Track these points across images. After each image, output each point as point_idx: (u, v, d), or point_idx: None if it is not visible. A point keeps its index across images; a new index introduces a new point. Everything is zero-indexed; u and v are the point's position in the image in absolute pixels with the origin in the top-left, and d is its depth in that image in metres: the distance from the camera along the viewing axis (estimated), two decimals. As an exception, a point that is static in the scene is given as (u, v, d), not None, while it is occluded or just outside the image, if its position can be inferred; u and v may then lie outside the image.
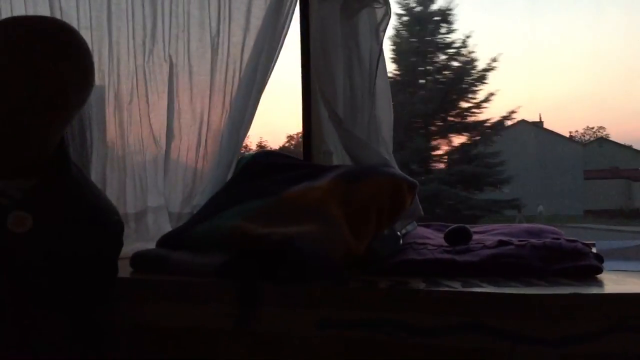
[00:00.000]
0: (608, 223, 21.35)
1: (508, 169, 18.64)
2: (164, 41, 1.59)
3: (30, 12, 1.59)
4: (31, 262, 1.05)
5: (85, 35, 1.46)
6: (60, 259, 1.07)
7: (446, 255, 1.22)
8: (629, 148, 36.67)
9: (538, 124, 29.63)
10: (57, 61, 1.07)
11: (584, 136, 44.68)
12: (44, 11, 1.57)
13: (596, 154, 32.87)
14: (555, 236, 1.33)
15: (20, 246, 1.05)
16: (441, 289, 1.05)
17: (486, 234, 1.46)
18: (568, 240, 1.24)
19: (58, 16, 1.57)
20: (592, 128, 45.83)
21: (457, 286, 1.06)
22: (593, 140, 36.34)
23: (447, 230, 1.37)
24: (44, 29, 1.09)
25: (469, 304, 1.01)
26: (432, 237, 1.43)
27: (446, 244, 1.32)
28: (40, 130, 1.11)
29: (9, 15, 1.59)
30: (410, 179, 1.34)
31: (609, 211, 25.32)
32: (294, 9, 1.56)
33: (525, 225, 1.51)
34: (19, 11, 1.60)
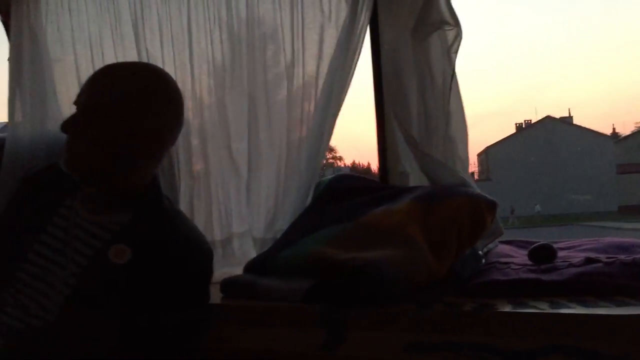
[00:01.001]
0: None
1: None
2: (242, 74, 1.67)
3: (120, 55, 1.71)
4: (130, 292, 1.13)
5: (170, 73, 1.57)
6: (157, 288, 1.14)
7: (531, 275, 1.21)
8: None
9: (566, 120, 28.13)
10: (156, 105, 1.17)
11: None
12: (132, 54, 1.69)
13: (636, 148, 30.69)
14: (645, 251, 1.29)
15: (120, 277, 1.13)
16: (528, 310, 1.05)
17: (573, 250, 1.43)
18: (660, 255, 1.20)
19: (145, 58, 1.68)
20: None
21: (545, 307, 1.05)
22: (636, 132, 33.58)
23: (531, 248, 1.35)
24: (146, 76, 1.20)
25: (558, 325, 1.00)
26: (515, 255, 1.42)
27: (530, 263, 1.31)
28: (140, 167, 1.20)
29: (101, 58, 1.73)
30: (489, 197, 1.34)
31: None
32: (364, 35, 1.60)
33: (614, 239, 1.47)
34: (110, 54, 1.73)
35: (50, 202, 1.23)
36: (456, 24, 1.51)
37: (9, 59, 1.71)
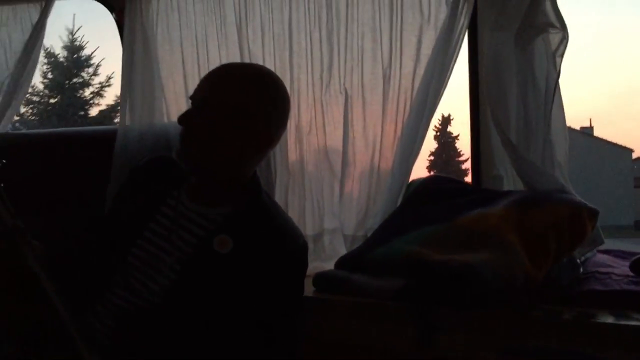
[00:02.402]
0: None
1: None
2: (339, 74, 1.70)
3: (224, 53, 1.79)
4: (232, 281, 1.19)
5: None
6: (256, 277, 1.19)
7: (633, 287, 1.18)
8: None
9: (586, 130, 26.21)
10: (271, 108, 1.24)
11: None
12: (234, 53, 1.76)
13: None
14: None
15: (223, 265, 1.19)
16: (632, 323, 1.02)
17: (676, 263, 1.37)
18: None
19: (247, 56, 1.75)
20: None
21: (649, 320, 1.03)
22: None
23: (633, 259, 1.31)
24: (264, 79, 1.27)
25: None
26: (615, 266, 1.38)
27: (632, 274, 1.27)
28: (248, 164, 1.27)
29: (206, 57, 1.81)
30: (591, 205, 1.31)
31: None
32: (463, 38, 1.60)
33: None
34: (214, 53, 1.81)
35: (159, 192, 1.30)
36: (562, 27, 1.47)
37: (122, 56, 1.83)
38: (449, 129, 26.35)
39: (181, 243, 1.23)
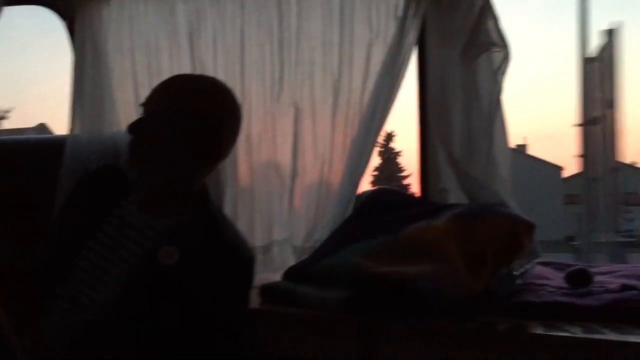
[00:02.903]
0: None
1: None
2: (290, 87, 1.72)
3: (175, 64, 1.78)
4: (177, 292, 1.19)
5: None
6: (201, 289, 1.20)
7: (566, 298, 1.22)
8: None
9: (519, 149, 27.19)
10: (223, 120, 1.26)
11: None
12: (186, 64, 1.76)
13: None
14: (685, 280, 1.28)
15: (168, 277, 1.19)
16: (561, 334, 1.06)
17: (609, 276, 1.43)
18: (699, 286, 1.19)
19: (198, 67, 1.75)
20: None
21: (577, 331, 1.06)
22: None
23: (567, 271, 1.36)
24: (217, 91, 1.29)
25: (590, 351, 1.01)
26: (552, 278, 1.42)
27: (566, 286, 1.32)
28: (197, 175, 1.27)
29: (158, 67, 1.81)
30: (528, 219, 1.35)
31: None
32: (411, 54, 1.63)
33: (652, 267, 1.46)
34: (166, 62, 1.80)
35: (105, 202, 1.30)
36: (505, 45, 1.53)
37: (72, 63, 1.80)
38: (392, 144, 27.30)
39: (127, 254, 1.22)
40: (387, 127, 1.66)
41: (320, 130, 1.71)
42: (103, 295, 1.20)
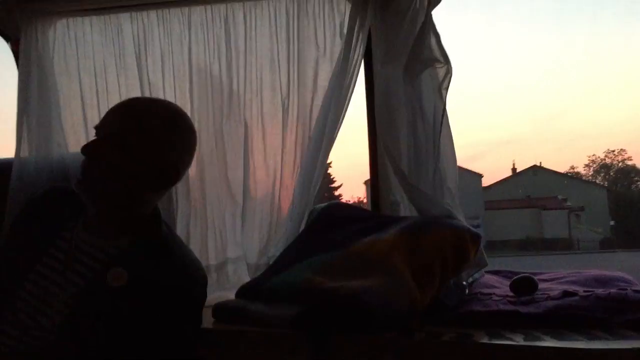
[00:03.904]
0: (510, 253, 20.38)
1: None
2: (239, 105, 1.74)
3: (123, 85, 1.78)
4: (126, 315, 1.18)
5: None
6: (151, 311, 1.19)
7: (509, 307, 1.25)
8: (564, 175, 36.56)
9: None
10: (177, 144, 1.26)
11: (605, 160, 42.79)
12: (134, 84, 1.76)
13: (530, 182, 32.75)
14: (623, 285, 1.33)
15: (117, 299, 1.18)
16: (503, 342, 1.09)
17: (554, 282, 1.47)
18: (635, 290, 1.24)
19: (147, 87, 1.75)
20: (613, 151, 43.84)
21: (520, 339, 1.09)
22: (527, 169, 35.52)
23: (513, 279, 1.40)
24: (170, 114, 1.28)
25: (530, 358, 1.04)
26: (499, 286, 1.46)
27: (511, 294, 1.35)
28: (150, 197, 1.27)
29: (105, 87, 1.80)
30: (473, 230, 1.39)
31: (512, 241, 24.57)
32: (358, 71, 1.66)
33: (595, 272, 1.51)
34: (113, 83, 1.80)
35: (54, 224, 1.27)
36: (446, 61, 1.56)
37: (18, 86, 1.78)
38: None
39: (76, 277, 1.20)
40: (337, 141, 1.68)
41: (271, 147, 1.73)
42: (51, 320, 1.17)
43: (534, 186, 31.98)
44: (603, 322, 1.15)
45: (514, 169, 36.73)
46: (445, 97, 1.55)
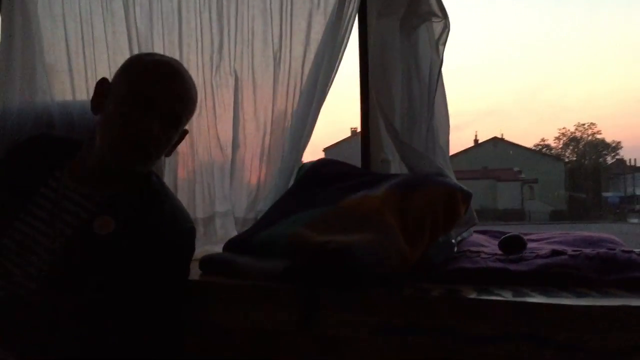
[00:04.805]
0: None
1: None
2: (229, 56, 1.69)
3: (110, 32, 1.73)
4: (112, 263, 1.16)
5: (159, 52, 1.59)
6: (138, 261, 1.17)
7: (499, 264, 1.25)
8: (521, 147, 37.49)
9: None
10: (186, 110, 1.26)
11: (575, 133, 44.06)
12: (121, 32, 1.70)
13: (490, 154, 33.72)
14: (612, 246, 1.34)
15: (103, 247, 1.16)
16: (492, 297, 1.09)
17: (542, 242, 1.48)
18: (624, 251, 1.25)
19: (134, 35, 1.69)
20: (584, 124, 44.85)
21: (508, 295, 1.10)
22: (487, 140, 36.83)
23: (502, 238, 1.40)
24: (185, 75, 1.26)
25: (519, 313, 1.04)
26: (487, 245, 1.46)
27: (500, 252, 1.35)
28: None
29: (91, 34, 1.74)
30: (465, 188, 1.38)
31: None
32: (352, 24, 1.63)
33: (583, 233, 1.52)
34: (99, 31, 1.74)
35: (39, 173, 1.25)
36: (444, 15, 1.53)
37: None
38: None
39: (62, 225, 1.19)
40: (329, 97, 1.65)
41: (262, 101, 1.69)
42: (36, 268, 1.16)
43: (494, 158, 32.99)
44: (591, 281, 1.16)
45: (475, 140, 37.51)
46: (443, 52, 1.53)
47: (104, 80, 1.27)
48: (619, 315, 1.00)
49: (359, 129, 1.76)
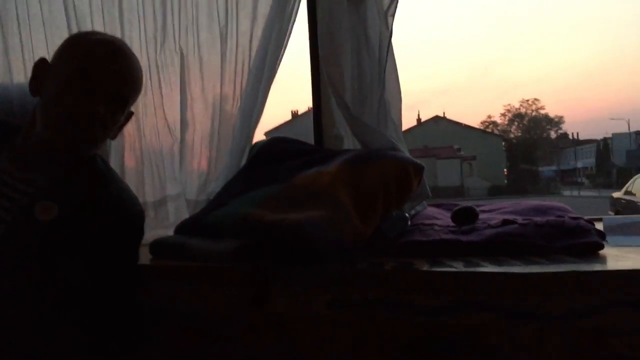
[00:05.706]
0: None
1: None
2: (174, 33, 1.63)
3: (45, 10, 1.64)
4: (56, 250, 1.11)
5: (99, 30, 1.52)
6: (84, 247, 1.13)
7: (451, 236, 1.26)
8: (460, 125, 39.23)
9: None
10: (132, 90, 1.22)
11: (519, 109, 45.59)
12: (58, 9, 1.62)
13: (432, 132, 35.21)
14: (560, 213, 1.35)
15: (45, 234, 1.11)
16: (443, 269, 1.09)
17: (494, 213, 1.48)
18: (572, 218, 1.26)
19: (72, 13, 1.62)
20: (528, 100, 46.60)
21: (460, 266, 1.10)
22: (429, 119, 38.45)
23: (454, 210, 1.40)
24: (128, 51, 1.22)
25: (470, 283, 1.05)
26: (440, 218, 1.46)
27: (453, 224, 1.35)
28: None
29: (26, 11, 1.65)
30: (417, 161, 1.37)
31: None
32: (300, -2, 1.59)
33: (533, 202, 1.53)
34: (35, 9, 1.65)
35: None
36: (392, -14, 1.51)
37: None
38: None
39: (2, 212, 1.13)
40: (279, 74, 1.61)
41: (209, 79, 1.65)
42: None
43: (435, 136, 33.87)
44: (541, 249, 1.17)
45: (418, 119, 38.28)
46: (392, 24, 1.50)
47: (42, 60, 1.21)
48: (570, 280, 1.01)
49: (300, 112, 1.74)
